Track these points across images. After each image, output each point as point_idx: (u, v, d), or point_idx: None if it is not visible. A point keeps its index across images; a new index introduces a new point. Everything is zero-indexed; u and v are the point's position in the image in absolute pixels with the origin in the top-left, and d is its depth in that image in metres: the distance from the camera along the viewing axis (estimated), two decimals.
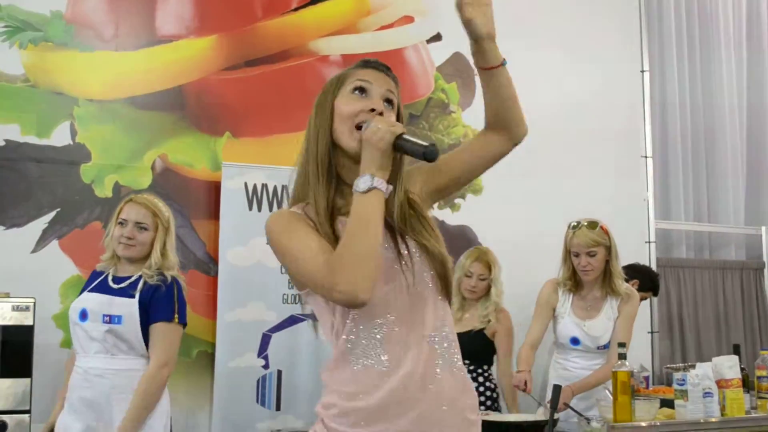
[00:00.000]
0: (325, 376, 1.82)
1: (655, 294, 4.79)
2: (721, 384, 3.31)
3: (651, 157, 5.63)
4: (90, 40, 4.35)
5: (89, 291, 3.24)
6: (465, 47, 5.42)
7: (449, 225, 5.02)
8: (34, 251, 4.16)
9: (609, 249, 3.66)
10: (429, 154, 1.70)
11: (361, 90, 1.85)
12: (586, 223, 3.69)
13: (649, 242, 5.55)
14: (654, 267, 5.41)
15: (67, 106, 4.29)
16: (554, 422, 2.66)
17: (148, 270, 3.19)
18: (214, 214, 4.42)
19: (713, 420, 3.21)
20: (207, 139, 4.55)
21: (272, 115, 4.59)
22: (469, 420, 1.81)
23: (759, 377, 3.47)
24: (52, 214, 4.21)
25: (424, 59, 5.10)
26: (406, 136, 1.74)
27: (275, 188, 4.46)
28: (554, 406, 2.62)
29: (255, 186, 4.43)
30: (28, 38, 4.23)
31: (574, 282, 3.73)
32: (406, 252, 1.82)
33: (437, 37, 5.13)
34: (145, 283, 3.21)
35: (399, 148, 1.73)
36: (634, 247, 5.37)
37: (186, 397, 4.27)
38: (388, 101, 1.88)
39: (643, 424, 3.05)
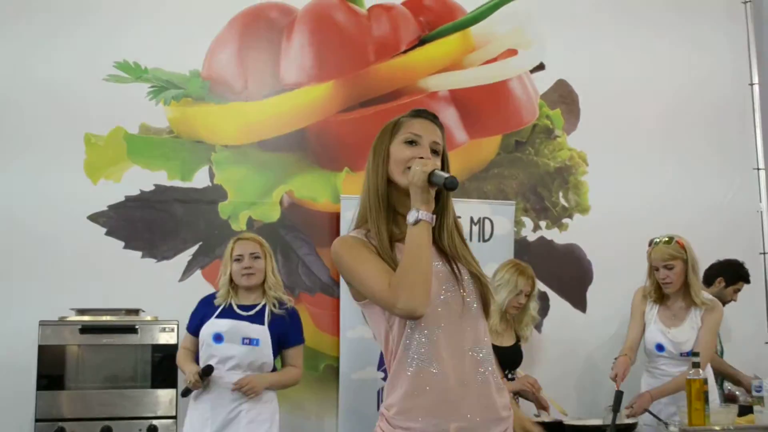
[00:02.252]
0: (387, 382, 2.25)
1: (747, 281, 4.89)
2: None
3: (764, 169, 5.72)
4: (223, 93, 5.03)
5: (217, 317, 3.81)
6: (568, 74, 5.82)
7: (557, 244, 5.38)
8: (181, 280, 4.86)
9: (686, 262, 3.90)
10: (449, 183, 2.10)
11: (412, 142, 2.26)
12: (665, 239, 3.95)
13: (764, 253, 5.65)
14: None
15: (206, 152, 4.99)
16: (615, 426, 2.94)
17: (273, 293, 3.84)
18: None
19: None
20: (328, 175, 5.12)
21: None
22: (502, 417, 2.20)
23: None
24: (196, 247, 4.90)
25: (528, 88, 5.47)
26: (436, 172, 2.13)
27: None
28: (616, 410, 2.92)
29: None
30: (171, 95, 4.95)
31: (660, 294, 4.01)
32: (458, 273, 2.22)
33: (540, 67, 5.51)
34: (271, 313, 3.85)
35: (431, 182, 2.13)
36: (749, 258, 5.49)
37: (315, 406, 4.85)
38: (434, 151, 2.28)
39: (717, 428, 3.29)
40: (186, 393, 3.78)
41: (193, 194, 4.94)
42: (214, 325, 3.79)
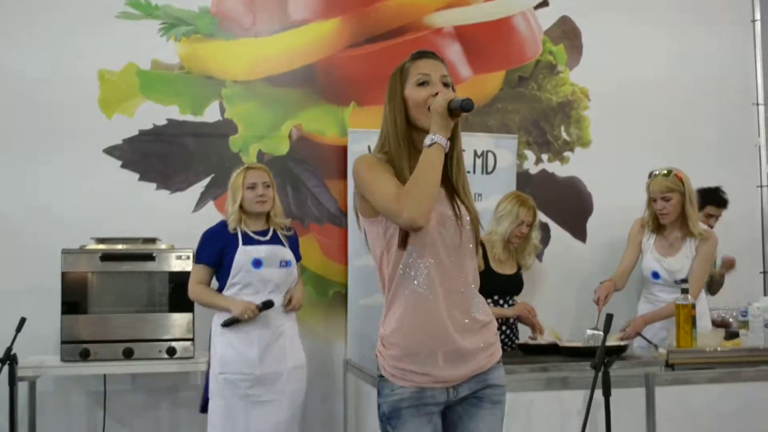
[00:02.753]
0: (384, 305, 2.44)
1: (722, 206, 5.05)
2: None
3: (762, 105, 5.84)
4: (232, 29, 5.15)
5: (246, 245, 4.00)
6: (571, 11, 5.90)
7: (559, 176, 5.54)
8: (194, 211, 5.05)
9: (684, 194, 4.06)
10: (466, 105, 2.28)
11: (424, 83, 2.43)
12: (664, 172, 4.10)
13: (761, 186, 5.80)
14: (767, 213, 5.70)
15: (216, 87, 5.13)
16: (606, 348, 3.13)
17: (278, 220, 4.12)
18: (343, 174, 5.13)
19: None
20: (335, 110, 5.27)
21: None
22: (490, 342, 2.43)
23: None
24: (208, 179, 5.08)
25: (531, 24, 5.58)
26: (454, 99, 2.31)
27: None
28: (605, 331, 3.12)
29: None
30: (182, 32, 5.07)
31: (657, 224, 4.18)
32: (457, 210, 2.40)
33: (544, 3, 5.61)
34: (284, 234, 4.12)
35: (451, 108, 2.31)
36: (746, 191, 5.68)
37: (325, 330, 5.08)
38: (444, 84, 2.45)
39: (707, 349, 3.50)
40: (230, 324, 3.96)
41: (204, 128, 5.10)
42: (248, 252, 3.98)
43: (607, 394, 3.11)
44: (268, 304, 3.91)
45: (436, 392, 2.37)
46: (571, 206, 5.51)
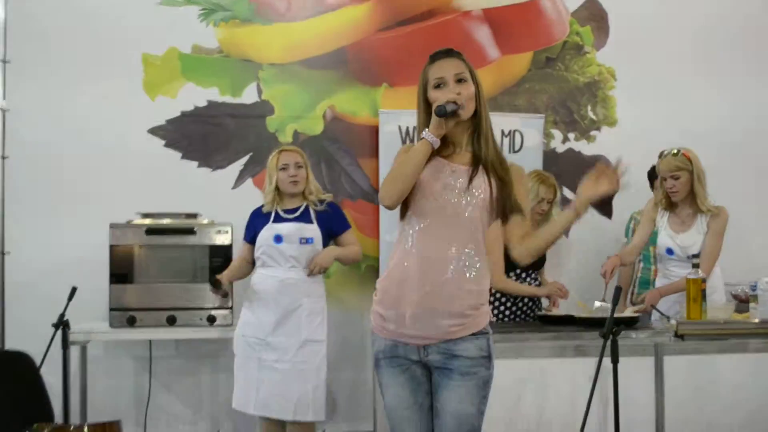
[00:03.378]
0: None
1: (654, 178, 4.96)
2: None
3: None
4: (269, 14, 5.40)
5: (273, 222, 4.25)
6: None
7: (585, 155, 5.69)
8: (234, 187, 5.33)
9: (692, 173, 4.21)
10: (437, 110, 2.53)
11: (439, 85, 2.66)
12: (673, 151, 4.25)
13: None
14: None
15: (254, 70, 5.38)
16: (615, 319, 3.33)
17: (313, 197, 4.26)
18: (375, 153, 5.36)
19: None
20: (367, 91, 5.49)
21: (422, 66, 5.40)
22: (462, 313, 2.59)
23: None
24: (246, 157, 5.35)
25: (558, 6, 5.73)
26: (436, 107, 2.55)
27: None
28: (614, 303, 3.32)
29: (407, 128, 5.28)
30: (220, 17, 5.33)
31: (669, 202, 4.34)
32: (472, 182, 2.61)
33: None
34: (315, 211, 4.24)
35: (436, 114, 2.55)
36: None
37: (358, 302, 5.32)
38: (460, 80, 2.65)
39: (711, 321, 3.68)
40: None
41: (242, 109, 5.36)
42: (272, 228, 4.21)
43: (615, 362, 3.31)
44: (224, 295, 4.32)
45: (407, 348, 2.61)
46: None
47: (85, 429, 2.60)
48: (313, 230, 4.25)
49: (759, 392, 3.72)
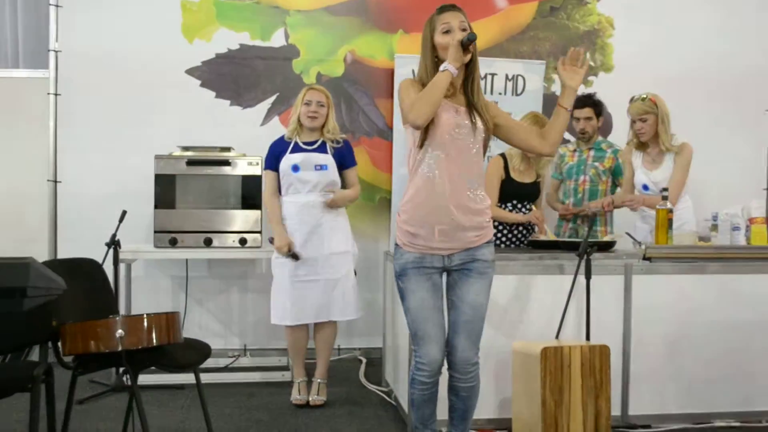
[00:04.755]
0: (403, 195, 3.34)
1: (602, 114, 5.42)
2: (752, 221, 4.46)
3: None
4: None
5: (290, 153, 4.84)
6: None
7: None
8: (262, 124, 5.96)
9: (657, 116, 4.80)
10: (469, 37, 3.11)
11: (447, 31, 3.25)
12: (642, 96, 4.83)
13: None
14: None
15: (282, 16, 5.98)
16: (590, 242, 3.96)
17: (330, 135, 4.81)
18: (390, 94, 5.96)
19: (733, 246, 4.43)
20: (384, 36, 6.07)
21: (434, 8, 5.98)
22: (479, 225, 3.26)
23: None
24: (273, 97, 5.97)
25: None
26: (462, 39, 3.14)
27: None
28: (589, 228, 3.97)
29: None
30: None
31: (639, 141, 4.94)
32: (472, 120, 3.23)
33: None
34: (331, 147, 4.83)
35: (462, 43, 3.14)
36: (759, 116, 6.38)
37: (371, 230, 6.00)
38: (463, 29, 3.25)
39: (676, 245, 4.31)
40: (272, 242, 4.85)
41: (271, 52, 5.97)
42: (290, 159, 4.80)
43: (588, 277, 3.96)
44: (294, 257, 4.73)
45: (434, 258, 3.26)
46: None
47: (158, 316, 3.24)
48: (326, 158, 4.79)
49: (715, 308, 4.34)
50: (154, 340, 3.20)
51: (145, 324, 3.18)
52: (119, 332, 3.13)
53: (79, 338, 3.13)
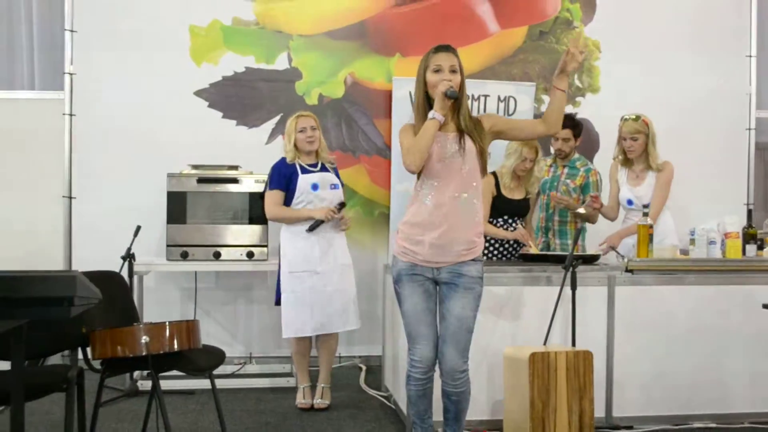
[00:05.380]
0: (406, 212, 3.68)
1: (580, 135, 5.58)
2: (726, 236, 4.80)
3: (754, 56, 6.81)
4: None
5: (303, 174, 5.15)
6: None
7: None
8: (267, 143, 6.29)
9: (648, 136, 5.13)
10: (449, 93, 3.47)
11: (437, 70, 3.59)
12: (633, 117, 5.16)
13: (749, 129, 6.81)
14: (753, 150, 6.74)
15: (285, 40, 6.32)
16: (574, 256, 4.29)
17: (324, 155, 5.18)
18: (388, 114, 6.30)
19: (710, 259, 4.77)
20: (383, 60, 6.42)
21: (432, 39, 6.19)
22: (468, 239, 3.60)
23: (765, 233, 4.91)
24: (278, 117, 6.30)
25: None
26: (447, 90, 3.48)
27: None
28: (574, 241, 4.31)
29: None
30: None
31: (625, 158, 5.26)
32: (463, 146, 3.57)
33: None
34: (330, 166, 5.19)
35: (445, 95, 3.48)
36: (737, 132, 6.71)
37: (371, 243, 6.33)
38: (453, 71, 3.59)
39: (656, 259, 4.64)
40: (315, 227, 5.04)
41: (275, 75, 6.31)
42: (307, 178, 5.07)
43: (573, 288, 4.29)
44: (342, 205, 5.08)
45: (424, 269, 3.60)
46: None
47: (178, 324, 3.55)
48: (335, 179, 5.18)
49: (693, 316, 4.67)
50: (176, 346, 3.52)
51: (168, 331, 3.51)
52: (144, 338, 3.45)
53: (107, 344, 3.45)
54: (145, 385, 5.40)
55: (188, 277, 6.14)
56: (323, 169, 5.15)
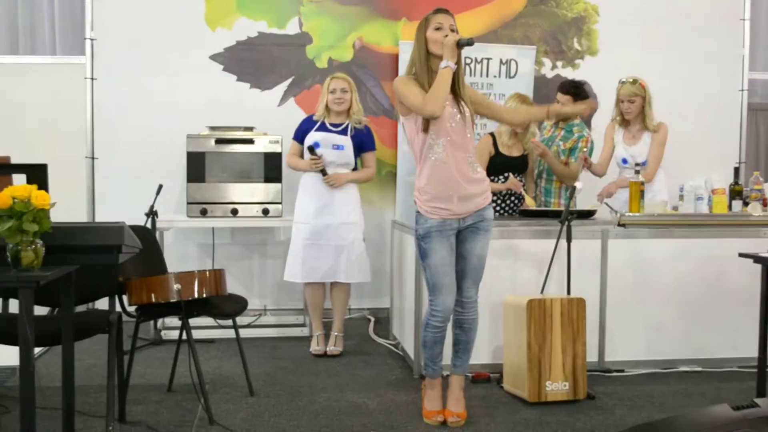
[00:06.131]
0: (417, 174, 3.99)
1: (582, 97, 5.62)
2: (714, 192, 5.13)
3: (749, 20, 7.08)
4: None
5: (315, 131, 5.48)
6: None
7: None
8: (279, 105, 6.60)
9: (644, 98, 5.44)
10: (468, 42, 3.78)
11: (438, 28, 3.90)
12: (631, 80, 5.46)
13: (742, 90, 7.11)
14: (746, 111, 7.04)
15: (296, 6, 6.63)
16: (570, 210, 4.62)
17: (355, 117, 5.45)
18: (395, 77, 6.32)
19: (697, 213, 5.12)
20: (390, 24, 6.71)
21: (437, 4, 6.51)
22: (480, 193, 3.95)
23: (752, 189, 5.23)
24: (289, 80, 6.61)
25: None
26: (460, 39, 3.80)
27: None
28: (570, 197, 4.65)
29: None
30: None
31: (623, 119, 5.58)
32: (461, 109, 3.89)
33: None
34: (354, 128, 5.47)
35: (458, 45, 3.80)
36: (731, 93, 7.02)
37: (379, 201, 6.67)
38: (452, 29, 3.91)
39: (647, 214, 4.98)
40: (323, 173, 5.39)
41: (286, 39, 6.60)
42: (312, 136, 5.42)
43: (569, 241, 4.62)
44: (310, 149, 5.37)
45: (452, 221, 3.93)
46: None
47: (206, 272, 3.91)
48: (344, 140, 5.44)
49: (681, 267, 5.01)
50: (204, 292, 3.88)
51: (197, 279, 3.87)
52: (177, 286, 3.81)
53: (143, 291, 3.81)
54: (168, 334, 5.78)
55: (206, 234, 6.49)
56: (344, 130, 5.44)
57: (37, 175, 2.97)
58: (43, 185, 2.97)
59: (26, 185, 2.75)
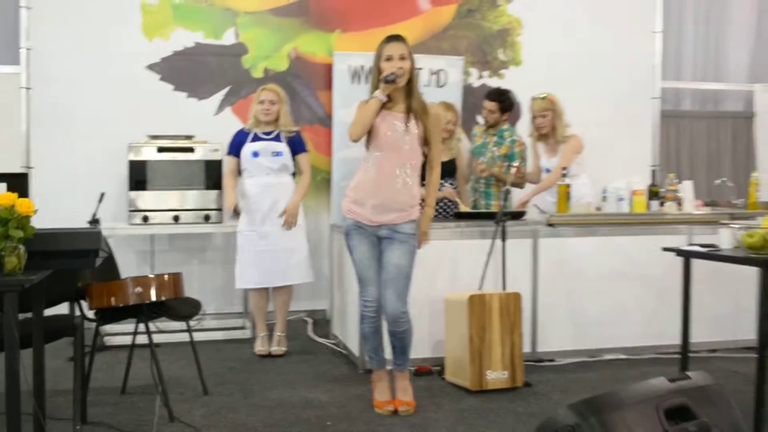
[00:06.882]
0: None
1: (508, 105, 6.12)
2: (634, 193, 5.54)
3: (661, 32, 7.58)
4: None
5: (251, 142, 5.67)
6: None
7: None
8: (216, 114, 6.76)
9: (555, 112, 5.82)
10: (386, 78, 4.07)
11: (389, 59, 4.16)
12: (542, 96, 5.84)
13: (654, 98, 7.59)
14: (659, 118, 7.52)
15: (233, 17, 6.79)
16: (505, 213, 4.96)
17: (284, 127, 5.65)
18: (329, 86, 6.83)
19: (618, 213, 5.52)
20: (324, 35, 6.94)
21: (370, 16, 6.88)
22: (404, 208, 4.20)
23: (668, 190, 5.66)
24: (226, 90, 6.78)
25: None
26: (387, 76, 4.07)
27: (369, 68, 6.72)
28: (504, 200, 4.99)
29: (356, 67, 6.73)
30: None
31: (539, 134, 5.95)
32: (408, 126, 4.16)
33: None
34: (285, 136, 5.67)
35: (385, 81, 4.08)
36: (641, 102, 7.49)
37: (315, 205, 6.88)
38: (402, 58, 4.17)
39: (574, 214, 5.36)
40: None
41: (223, 50, 6.76)
42: (250, 147, 5.60)
43: (503, 240, 4.95)
44: (236, 213, 5.63)
45: (366, 226, 4.21)
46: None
47: (164, 276, 4.06)
48: (281, 146, 5.63)
49: (605, 263, 5.40)
50: (163, 295, 4.05)
51: (157, 282, 4.03)
52: (138, 289, 3.97)
53: (103, 295, 3.96)
54: (111, 340, 5.88)
55: (144, 241, 6.58)
56: (276, 138, 5.65)
57: (18, 183, 3.09)
58: (24, 193, 3.10)
59: (9, 193, 2.89)
